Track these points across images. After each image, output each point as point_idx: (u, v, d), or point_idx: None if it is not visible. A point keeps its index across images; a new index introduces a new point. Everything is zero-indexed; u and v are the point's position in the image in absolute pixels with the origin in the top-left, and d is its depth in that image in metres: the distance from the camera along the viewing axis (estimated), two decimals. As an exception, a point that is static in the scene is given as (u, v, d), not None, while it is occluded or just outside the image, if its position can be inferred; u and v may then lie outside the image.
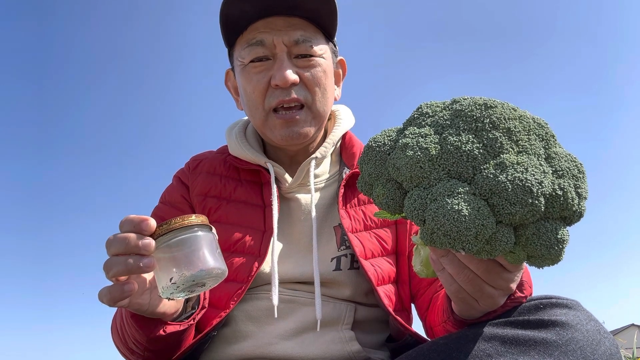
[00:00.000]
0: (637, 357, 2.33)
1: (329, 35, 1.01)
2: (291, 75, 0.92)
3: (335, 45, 1.04)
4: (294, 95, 0.93)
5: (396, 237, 1.00)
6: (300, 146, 1.00)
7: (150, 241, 0.63)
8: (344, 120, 1.08)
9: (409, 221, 1.00)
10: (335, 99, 1.05)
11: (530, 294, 0.73)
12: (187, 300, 0.82)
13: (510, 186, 0.52)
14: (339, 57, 1.07)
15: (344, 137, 1.09)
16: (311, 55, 0.96)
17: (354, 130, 1.12)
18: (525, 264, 0.69)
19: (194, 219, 0.67)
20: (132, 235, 0.63)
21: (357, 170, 1.00)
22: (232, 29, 0.97)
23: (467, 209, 0.52)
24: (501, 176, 0.53)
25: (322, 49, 0.98)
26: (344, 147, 1.07)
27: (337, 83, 1.06)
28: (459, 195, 0.53)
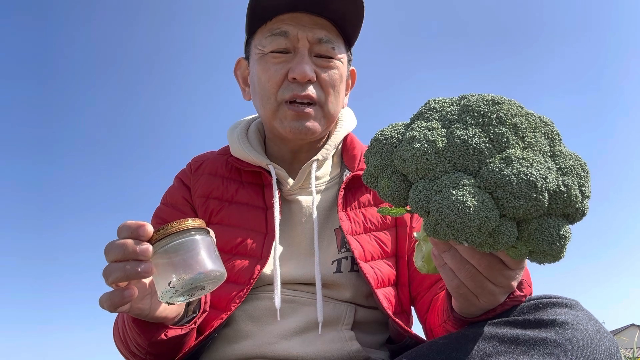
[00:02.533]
0: (637, 357, 2.33)
1: (349, 43, 1.03)
2: (310, 72, 0.94)
3: (351, 54, 1.06)
4: (308, 91, 0.95)
5: (396, 240, 1.01)
6: (304, 142, 1.01)
7: (148, 247, 0.64)
8: (346, 122, 1.09)
9: (409, 224, 1.00)
10: (342, 106, 1.07)
11: (530, 293, 0.74)
12: (188, 304, 0.83)
13: (515, 180, 0.54)
14: (351, 67, 1.09)
15: (345, 139, 1.09)
16: (331, 57, 0.97)
17: (355, 132, 1.13)
18: (525, 263, 0.69)
19: (191, 222, 0.67)
20: (130, 242, 0.64)
21: (357, 172, 1.00)
22: (258, 17, 0.97)
23: (471, 200, 0.53)
24: (506, 170, 0.54)
25: (341, 54, 1.00)
26: (345, 149, 1.07)
27: (345, 91, 1.07)
28: (464, 188, 0.54)
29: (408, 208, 0.61)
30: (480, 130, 0.57)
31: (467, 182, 0.55)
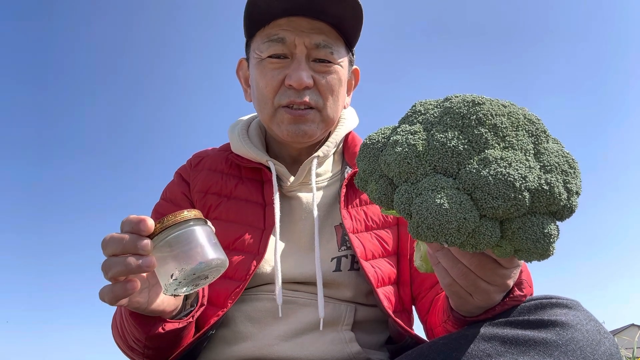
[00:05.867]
0: (637, 357, 2.33)
1: (349, 44, 1.03)
2: (306, 79, 0.94)
3: (353, 55, 1.07)
4: (305, 98, 0.95)
5: (397, 238, 1.00)
6: (304, 145, 1.00)
7: (147, 241, 0.65)
8: (348, 120, 1.09)
9: None
10: (344, 107, 1.06)
11: (531, 294, 0.74)
12: (186, 298, 0.83)
13: (492, 180, 0.55)
14: (354, 66, 1.09)
15: (347, 136, 1.09)
16: (329, 62, 0.98)
17: (357, 131, 1.12)
18: (524, 263, 0.69)
19: (187, 213, 0.69)
20: (129, 236, 0.65)
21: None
22: (256, 21, 0.98)
23: (448, 202, 0.55)
24: (484, 171, 0.55)
25: (341, 57, 1.00)
26: (347, 147, 1.07)
27: (347, 91, 1.07)
28: (442, 190, 0.56)
29: None
30: (459, 132, 0.59)
31: (446, 184, 0.56)
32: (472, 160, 0.57)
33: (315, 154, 1.01)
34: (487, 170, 0.55)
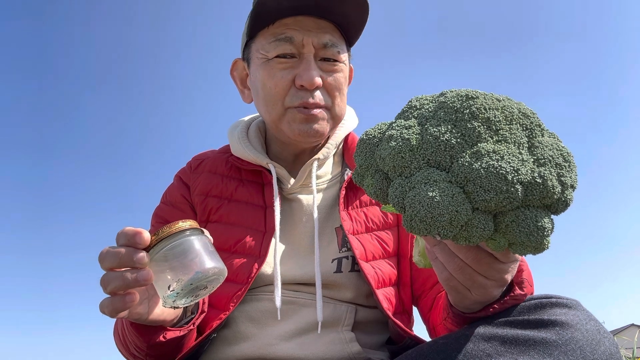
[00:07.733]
0: (637, 357, 2.33)
1: (349, 42, 1.05)
2: (318, 79, 0.95)
3: (350, 53, 1.08)
4: (316, 99, 0.96)
5: (398, 240, 1.00)
6: (310, 145, 1.01)
7: (143, 254, 0.65)
8: (347, 121, 1.10)
9: None
10: None
11: (531, 293, 0.74)
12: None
13: (484, 173, 0.55)
14: (349, 65, 1.08)
15: (346, 138, 1.09)
16: (336, 61, 0.99)
17: (357, 131, 1.13)
18: (524, 259, 0.69)
19: (182, 224, 0.69)
20: (125, 250, 0.65)
21: None
22: (261, 20, 0.97)
23: (440, 195, 0.55)
24: (476, 164, 0.56)
25: (345, 55, 1.02)
26: (347, 148, 1.08)
27: None
28: (435, 183, 0.56)
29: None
30: (452, 125, 0.59)
31: (439, 177, 0.57)
32: (464, 154, 0.57)
33: (316, 156, 1.02)
34: (479, 163, 0.55)
